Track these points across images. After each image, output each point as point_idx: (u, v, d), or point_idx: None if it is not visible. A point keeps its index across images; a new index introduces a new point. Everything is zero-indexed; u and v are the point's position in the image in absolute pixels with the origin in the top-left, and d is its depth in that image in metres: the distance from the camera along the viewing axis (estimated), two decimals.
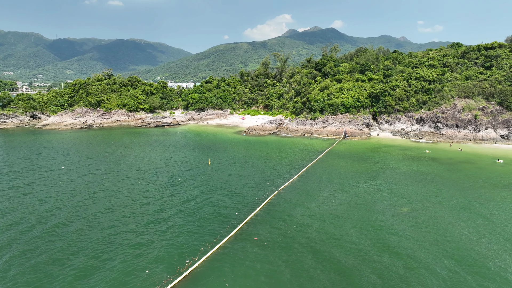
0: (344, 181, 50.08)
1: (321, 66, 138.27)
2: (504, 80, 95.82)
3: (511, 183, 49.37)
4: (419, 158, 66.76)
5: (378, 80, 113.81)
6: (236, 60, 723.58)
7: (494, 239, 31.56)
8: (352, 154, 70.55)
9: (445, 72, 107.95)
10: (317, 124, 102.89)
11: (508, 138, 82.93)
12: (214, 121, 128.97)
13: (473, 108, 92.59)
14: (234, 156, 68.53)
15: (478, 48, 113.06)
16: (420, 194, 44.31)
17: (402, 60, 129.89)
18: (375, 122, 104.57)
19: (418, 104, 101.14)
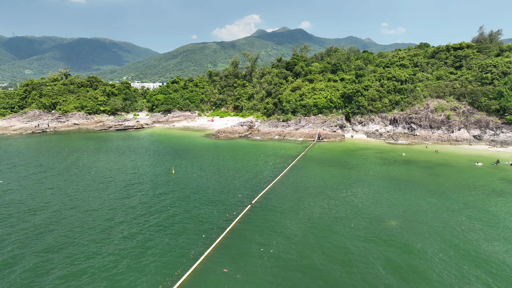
0: (322, 191, 45.48)
1: (292, 65, 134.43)
2: (474, 80, 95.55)
3: (496, 189, 46.64)
4: (397, 161, 63.63)
5: (350, 80, 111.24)
6: (205, 60, 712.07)
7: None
8: (328, 159, 66.44)
9: (417, 72, 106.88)
10: (290, 126, 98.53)
11: (481, 139, 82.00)
12: (181, 124, 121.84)
13: (445, 108, 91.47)
14: (202, 163, 62.52)
15: (447, 48, 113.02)
16: (405, 203, 40.38)
17: (372, 60, 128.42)
18: (348, 123, 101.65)
19: (391, 105, 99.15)
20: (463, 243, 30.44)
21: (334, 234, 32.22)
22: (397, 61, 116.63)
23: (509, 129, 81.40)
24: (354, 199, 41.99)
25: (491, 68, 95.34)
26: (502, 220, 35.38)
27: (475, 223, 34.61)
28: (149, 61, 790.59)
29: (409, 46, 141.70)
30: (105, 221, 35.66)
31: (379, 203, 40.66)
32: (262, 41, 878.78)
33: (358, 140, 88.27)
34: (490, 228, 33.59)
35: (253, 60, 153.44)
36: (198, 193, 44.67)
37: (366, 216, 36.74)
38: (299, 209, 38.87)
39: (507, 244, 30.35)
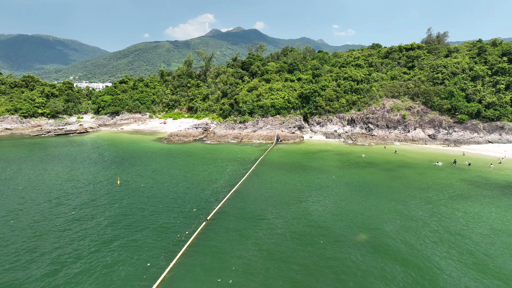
0: (284, 200, 41.59)
1: (248, 65, 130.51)
2: (426, 80, 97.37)
3: (460, 192, 45.51)
4: (358, 164, 61.65)
5: (308, 80, 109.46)
6: (158, 60, 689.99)
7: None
8: (288, 163, 63.03)
9: (372, 72, 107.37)
10: (247, 128, 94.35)
11: (435, 138, 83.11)
12: (131, 127, 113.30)
13: (401, 108, 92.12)
14: (153, 170, 56.33)
15: (400, 49, 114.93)
16: (372, 211, 37.55)
17: (328, 60, 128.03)
18: (306, 124, 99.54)
19: (348, 105, 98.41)
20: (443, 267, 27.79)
21: (302, 259, 28.20)
22: (352, 61, 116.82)
23: (461, 128, 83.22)
24: (320, 209, 38.50)
25: (441, 68, 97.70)
26: (473, 227, 33.51)
27: (444, 233, 32.38)
28: (98, 60, 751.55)
29: (362, 47, 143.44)
30: (26, 253, 29.00)
31: (347, 212, 37.48)
32: (217, 41, 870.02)
33: (317, 142, 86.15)
34: (464, 239, 31.48)
35: (207, 59, 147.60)
36: (145, 209, 38.87)
37: (335, 229, 33.27)
38: (260, 224, 34.57)
39: (489, 254, 28.20)
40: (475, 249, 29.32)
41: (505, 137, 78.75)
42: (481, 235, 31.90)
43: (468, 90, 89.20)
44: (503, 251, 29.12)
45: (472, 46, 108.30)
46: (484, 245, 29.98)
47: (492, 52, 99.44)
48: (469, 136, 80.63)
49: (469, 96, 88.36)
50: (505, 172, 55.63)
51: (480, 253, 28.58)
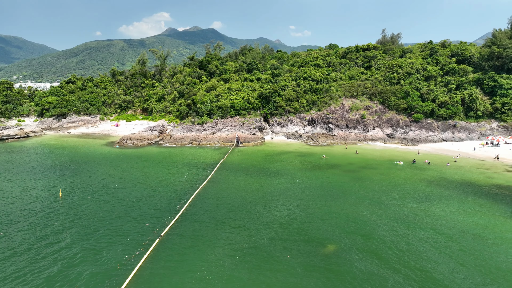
0: (247, 208, 38.63)
1: (205, 64, 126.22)
2: (383, 80, 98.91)
3: (424, 192, 45.08)
4: (321, 165, 60.21)
5: (267, 80, 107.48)
6: (112, 59, 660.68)
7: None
8: (249, 166, 60.23)
9: (330, 72, 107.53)
10: (206, 129, 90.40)
11: (393, 137, 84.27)
12: (79, 130, 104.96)
13: (359, 108, 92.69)
14: (101, 179, 51.03)
15: (357, 49, 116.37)
16: (339, 218, 35.65)
17: (287, 59, 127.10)
18: (267, 124, 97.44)
19: (308, 105, 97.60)
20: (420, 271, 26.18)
21: (266, 279, 25.38)
22: (311, 61, 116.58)
23: (417, 127, 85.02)
24: (286, 217, 35.97)
25: (397, 68, 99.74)
26: (439, 229, 32.57)
27: (414, 240, 31.09)
28: (45, 59, 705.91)
29: (320, 47, 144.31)
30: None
31: (313, 220, 35.25)
32: (173, 40, 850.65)
33: (279, 143, 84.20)
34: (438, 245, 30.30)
35: (162, 58, 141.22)
36: (89, 226, 34.22)
37: (302, 240, 30.86)
38: (220, 239, 31.36)
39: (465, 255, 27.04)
40: (451, 255, 28.14)
41: (457, 135, 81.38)
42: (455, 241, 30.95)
43: (423, 89, 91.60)
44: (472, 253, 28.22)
45: (424, 47, 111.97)
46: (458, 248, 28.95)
47: (442, 53, 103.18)
48: (425, 134, 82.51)
49: (423, 96, 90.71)
50: (461, 171, 56.59)
51: (458, 259, 27.40)
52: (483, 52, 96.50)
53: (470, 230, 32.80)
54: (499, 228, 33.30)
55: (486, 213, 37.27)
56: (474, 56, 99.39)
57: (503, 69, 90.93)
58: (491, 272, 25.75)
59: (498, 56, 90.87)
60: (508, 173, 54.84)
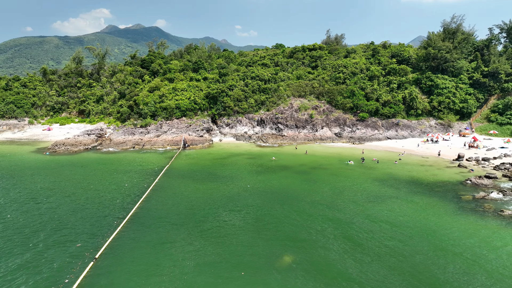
0: (195, 219, 35.20)
1: (148, 63, 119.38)
2: (329, 79, 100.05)
3: (375, 192, 44.75)
4: (271, 168, 58.32)
5: (214, 80, 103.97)
6: (45, 57, 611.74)
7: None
8: (197, 171, 56.61)
9: (278, 71, 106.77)
10: (150, 132, 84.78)
11: (341, 136, 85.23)
12: (4, 136, 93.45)
13: (308, 107, 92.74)
14: (27, 193, 44.40)
15: (303, 49, 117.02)
16: (293, 225, 33.64)
17: (234, 58, 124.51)
18: (215, 126, 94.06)
19: (257, 105, 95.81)
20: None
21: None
22: (259, 60, 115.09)
23: (363, 126, 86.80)
24: (237, 228, 33.12)
25: (342, 68, 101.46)
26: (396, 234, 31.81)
27: (373, 247, 29.94)
28: None
29: (266, 47, 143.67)
30: None
31: (266, 228, 32.81)
32: (114, 38, 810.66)
33: (228, 145, 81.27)
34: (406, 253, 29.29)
35: (101, 56, 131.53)
36: (10, 250, 28.71)
37: (255, 254, 28.24)
38: (164, 258, 27.71)
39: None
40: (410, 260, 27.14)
41: (400, 133, 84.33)
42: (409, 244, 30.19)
43: (367, 89, 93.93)
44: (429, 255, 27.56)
45: (367, 48, 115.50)
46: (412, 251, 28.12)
47: (383, 54, 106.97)
48: (370, 133, 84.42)
49: (368, 95, 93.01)
50: (407, 168, 57.79)
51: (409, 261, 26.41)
52: (420, 53, 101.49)
53: (423, 230, 32.42)
54: (449, 225, 33.35)
55: (435, 212, 37.45)
56: (412, 57, 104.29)
57: (438, 70, 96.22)
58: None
59: (433, 57, 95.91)
60: (449, 169, 56.94)
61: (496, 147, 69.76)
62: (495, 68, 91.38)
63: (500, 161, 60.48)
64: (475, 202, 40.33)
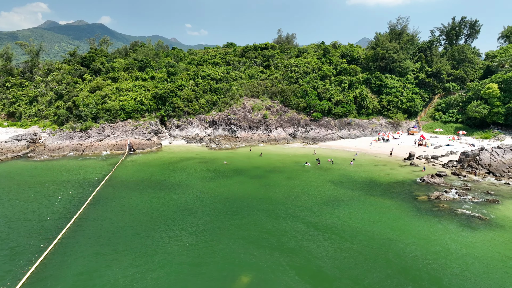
0: (137, 239, 30.90)
1: (89, 61, 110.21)
2: (282, 79, 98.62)
3: (333, 196, 43.08)
4: (225, 172, 54.98)
5: (162, 79, 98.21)
6: None
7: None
8: (144, 178, 51.71)
9: (230, 70, 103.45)
10: (91, 136, 77.46)
11: (295, 137, 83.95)
12: None
13: (261, 107, 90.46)
14: None
15: (255, 48, 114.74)
16: (248, 237, 30.67)
17: (183, 57, 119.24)
18: (164, 128, 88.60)
19: (208, 105, 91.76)
20: None
21: None
22: (209, 59, 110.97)
23: (317, 126, 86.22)
24: (187, 246, 29.39)
25: (294, 68, 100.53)
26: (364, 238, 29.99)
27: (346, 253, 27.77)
28: None
29: (217, 46, 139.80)
30: None
31: (220, 242, 29.49)
32: (54, 34, 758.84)
33: (178, 148, 76.46)
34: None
35: (34, 53, 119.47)
36: None
37: (207, 272, 24.82)
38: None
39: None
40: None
41: (353, 133, 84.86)
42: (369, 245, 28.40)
43: (319, 89, 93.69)
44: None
45: (318, 48, 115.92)
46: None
47: (334, 54, 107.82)
48: (324, 133, 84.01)
49: (320, 95, 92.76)
50: (362, 168, 57.33)
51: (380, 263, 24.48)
52: (369, 53, 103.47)
53: (382, 242, 30.94)
54: (406, 228, 32.25)
55: (394, 216, 36.41)
56: (361, 57, 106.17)
57: (386, 70, 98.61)
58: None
59: (382, 57, 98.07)
60: (402, 168, 57.30)
61: (442, 144, 72.13)
62: (438, 69, 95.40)
63: (448, 158, 62.22)
64: (431, 203, 40.08)
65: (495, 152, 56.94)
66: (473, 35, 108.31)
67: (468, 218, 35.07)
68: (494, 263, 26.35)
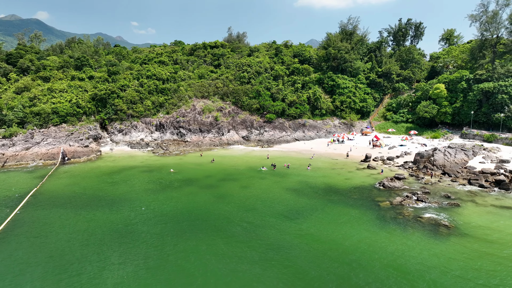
0: (65, 278, 24.82)
1: (16, 58, 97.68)
2: (234, 79, 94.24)
3: (295, 206, 39.40)
4: (173, 182, 49.46)
5: (102, 79, 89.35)
6: None
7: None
8: (78, 193, 44.64)
9: (178, 70, 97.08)
10: (16, 144, 67.31)
11: (249, 139, 79.98)
12: None
13: (212, 109, 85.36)
14: None
15: (204, 46, 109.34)
16: (199, 268, 25.90)
17: (127, 55, 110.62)
18: (105, 132, 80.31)
19: (155, 107, 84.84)
20: None
21: None
22: (155, 57, 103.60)
23: (271, 128, 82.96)
24: (123, 279, 23.89)
25: (246, 67, 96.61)
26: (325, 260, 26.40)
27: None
28: None
29: (164, 44, 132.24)
30: None
31: (167, 272, 24.36)
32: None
33: (121, 155, 69.01)
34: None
35: None
36: None
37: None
38: None
39: None
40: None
41: (308, 134, 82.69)
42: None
43: (273, 89, 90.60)
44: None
45: (269, 47, 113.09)
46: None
47: (286, 53, 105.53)
48: (279, 135, 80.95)
49: (274, 95, 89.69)
50: (319, 173, 54.73)
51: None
52: (320, 53, 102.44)
53: (347, 260, 27.67)
54: (375, 244, 29.34)
55: (358, 229, 33.50)
56: (313, 57, 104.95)
57: (338, 70, 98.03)
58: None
59: (334, 57, 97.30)
60: (360, 172, 55.51)
61: (396, 145, 72.06)
62: (388, 69, 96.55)
63: (403, 159, 61.69)
64: (394, 210, 37.97)
65: (447, 152, 57.14)
66: (418, 36, 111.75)
67: (435, 227, 33.11)
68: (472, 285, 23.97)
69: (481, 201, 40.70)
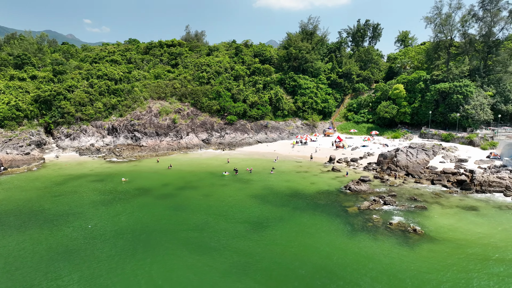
0: None
1: None
2: (192, 79, 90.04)
3: (260, 216, 36.59)
4: (126, 193, 44.97)
5: (47, 79, 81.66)
6: None
7: None
8: (12, 210, 38.97)
9: (132, 69, 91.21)
10: None
11: (210, 142, 76.33)
12: None
13: (169, 111, 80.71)
14: None
15: (161, 45, 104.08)
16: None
17: (75, 54, 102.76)
18: (50, 138, 73.20)
19: (106, 110, 78.67)
20: None
21: None
22: (107, 56, 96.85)
23: (232, 130, 79.84)
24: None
25: (206, 67, 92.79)
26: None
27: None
28: None
29: (118, 42, 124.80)
30: None
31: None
32: None
33: (67, 163, 62.59)
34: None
35: None
36: None
37: None
38: None
39: None
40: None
41: (270, 136, 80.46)
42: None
43: (233, 90, 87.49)
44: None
45: (229, 46, 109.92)
46: None
47: (246, 53, 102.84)
48: (240, 137, 77.98)
49: (234, 96, 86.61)
50: (284, 177, 52.56)
51: None
52: (281, 53, 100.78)
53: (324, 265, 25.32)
54: (345, 255, 27.26)
55: (326, 235, 31.37)
56: (274, 57, 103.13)
57: (299, 70, 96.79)
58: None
59: (295, 57, 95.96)
60: (324, 174, 53.97)
61: (358, 145, 71.62)
62: (348, 69, 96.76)
63: (366, 160, 61.01)
64: (362, 215, 36.44)
65: (409, 153, 57.04)
66: (376, 37, 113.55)
67: (404, 233, 31.77)
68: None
69: (446, 203, 40.31)
